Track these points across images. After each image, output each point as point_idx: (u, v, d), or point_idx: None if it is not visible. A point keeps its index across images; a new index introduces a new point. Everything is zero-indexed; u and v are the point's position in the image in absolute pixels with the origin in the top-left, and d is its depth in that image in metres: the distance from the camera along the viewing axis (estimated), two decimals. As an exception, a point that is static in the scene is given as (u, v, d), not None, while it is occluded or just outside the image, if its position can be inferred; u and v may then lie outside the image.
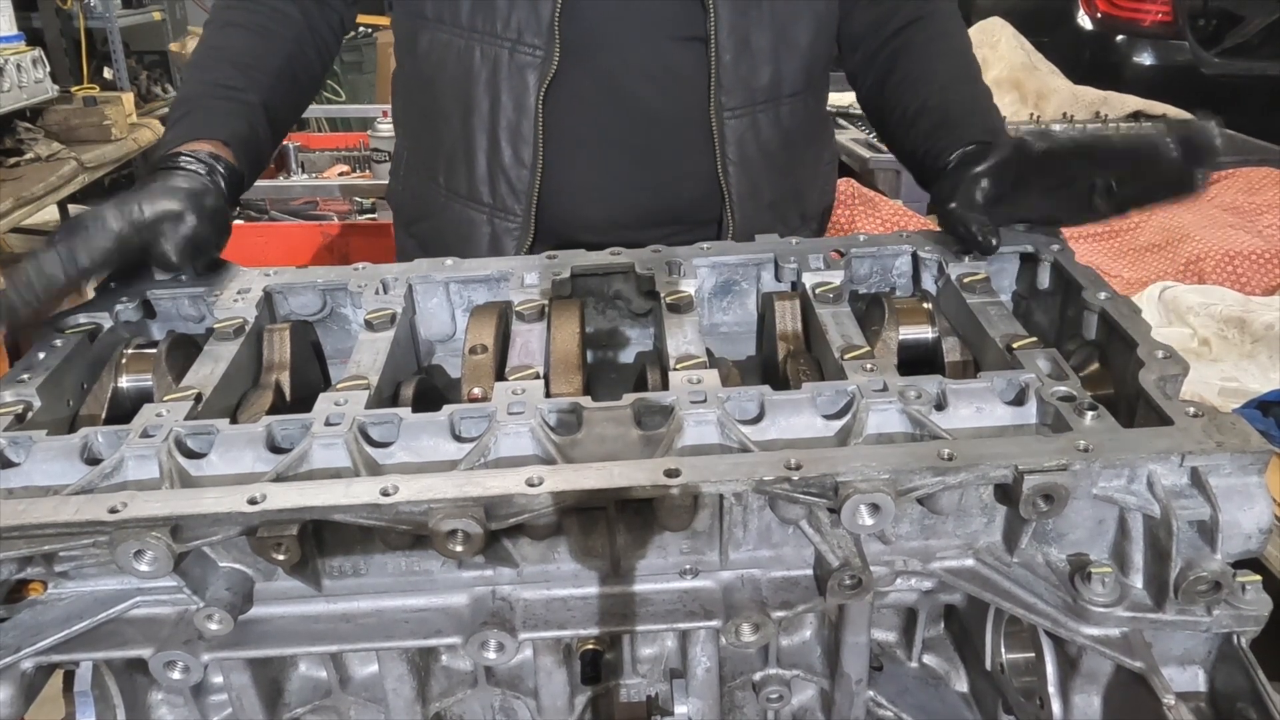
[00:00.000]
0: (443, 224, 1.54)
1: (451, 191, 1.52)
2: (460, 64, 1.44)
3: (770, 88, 1.47)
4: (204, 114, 1.32)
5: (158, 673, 0.88)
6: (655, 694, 1.01)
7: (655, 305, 1.12)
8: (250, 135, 1.34)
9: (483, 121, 1.44)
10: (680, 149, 1.48)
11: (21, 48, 4.92)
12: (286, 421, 0.90)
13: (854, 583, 0.85)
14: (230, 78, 1.38)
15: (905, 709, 1.03)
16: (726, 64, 1.42)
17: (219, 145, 1.26)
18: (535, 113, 1.41)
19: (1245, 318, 2.26)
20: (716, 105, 1.44)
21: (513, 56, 1.40)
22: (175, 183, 1.16)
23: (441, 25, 1.45)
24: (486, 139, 1.45)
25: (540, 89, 1.40)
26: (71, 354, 1.04)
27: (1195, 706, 0.86)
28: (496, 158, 1.45)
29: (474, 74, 1.43)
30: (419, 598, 0.91)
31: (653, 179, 1.49)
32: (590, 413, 0.90)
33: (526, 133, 1.42)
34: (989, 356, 1.01)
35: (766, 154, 1.50)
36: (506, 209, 1.46)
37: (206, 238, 1.14)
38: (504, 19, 1.40)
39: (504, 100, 1.42)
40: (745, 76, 1.44)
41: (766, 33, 1.44)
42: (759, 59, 1.45)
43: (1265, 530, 0.80)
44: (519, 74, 1.41)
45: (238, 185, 1.28)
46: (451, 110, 1.47)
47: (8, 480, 0.88)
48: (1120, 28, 5.24)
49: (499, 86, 1.42)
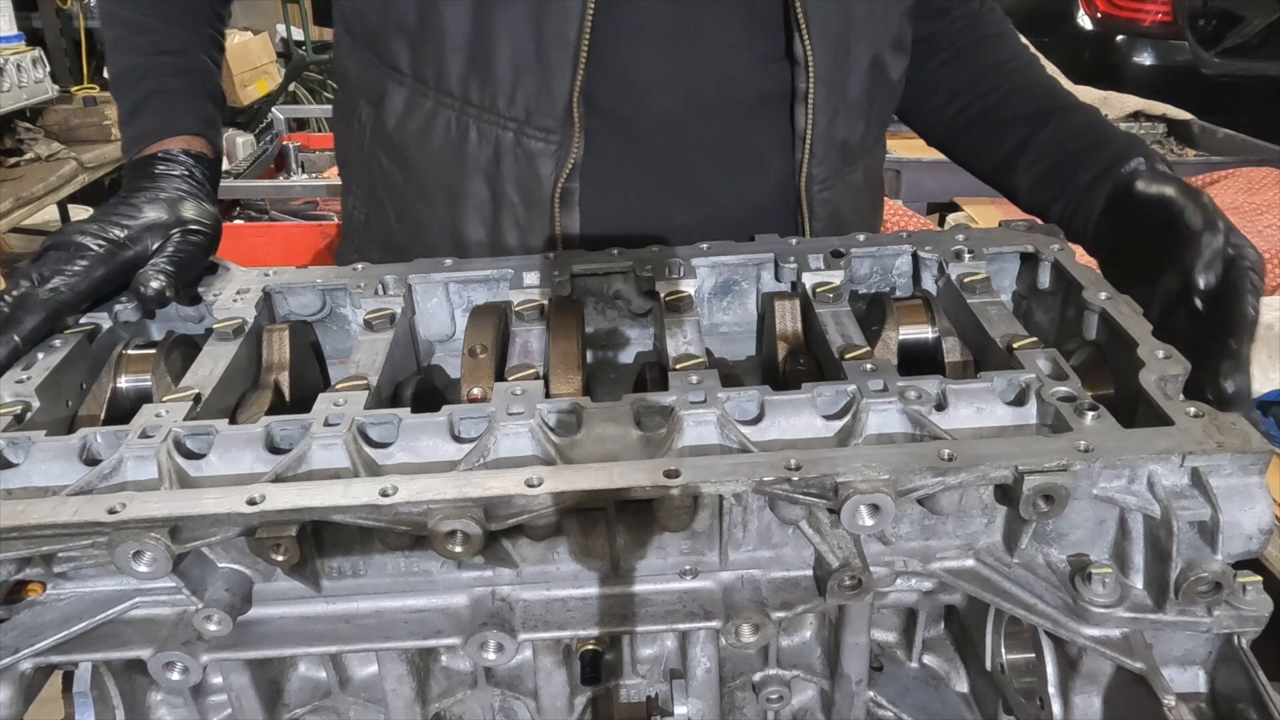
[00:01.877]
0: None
1: None
2: (449, 142, 1.15)
3: (859, 145, 1.24)
4: (165, 102, 1.20)
5: (157, 673, 0.88)
6: (655, 694, 1.01)
7: (655, 305, 1.12)
8: (215, 111, 1.25)
9: (482, 215, 1.16)
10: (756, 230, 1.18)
11: (21, 48, 4.93)
12: (286, 422, 0.90)
13: (854, 583, 0.85)
14: (171, 38, 1.22)
15: (905, 709, 1.03)
16: (822, 129, 1.16)
17: (192, 139, 1.19)
18: (551, 209, 1.14)
19: (1245, 318, 2.25)
20: (807, 179, 1.20)
21: (520, 141, 1.12)
22: (158, 194, 1.13)
23: (422, 87, 1.14)
24: (487, 235, 1.17)
25: (557, 182, 1.13)
26: (70, 354, 1.04)
27: (1196, 707, 0.86)
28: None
29: (469, 158, 1.14)
30: (418, 598, 0.91)
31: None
32: (590, 413, 0.90)
33: (541, 230, 1.14)
34: (989, 356, 1.01)
35: (851, 219, 1.28)
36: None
37: (195, 255, 1.10)
38: (507, 93, 1.10)
39: (508, 192, 1.14)
40: (841, 138, 1.20)
41: (862, 84, 1.20)
42: (854, 113, 1.21)
43: (1266, 531, 0.80)
44: (529, 162, 1.12)
45: (217, 172, 1.24)
46: (435, 196, 1.19)
47: (6, 481, 0.88)
48: (1120, 28, 5.25)
49: (501, 176, 1.14)
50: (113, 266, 1.06)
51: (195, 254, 1.11)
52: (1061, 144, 1.22)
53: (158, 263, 1.07)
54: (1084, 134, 1.24)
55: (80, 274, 1.04)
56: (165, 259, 1.07)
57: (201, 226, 1.13)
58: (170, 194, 1.15)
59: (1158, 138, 4.03)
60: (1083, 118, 1.28)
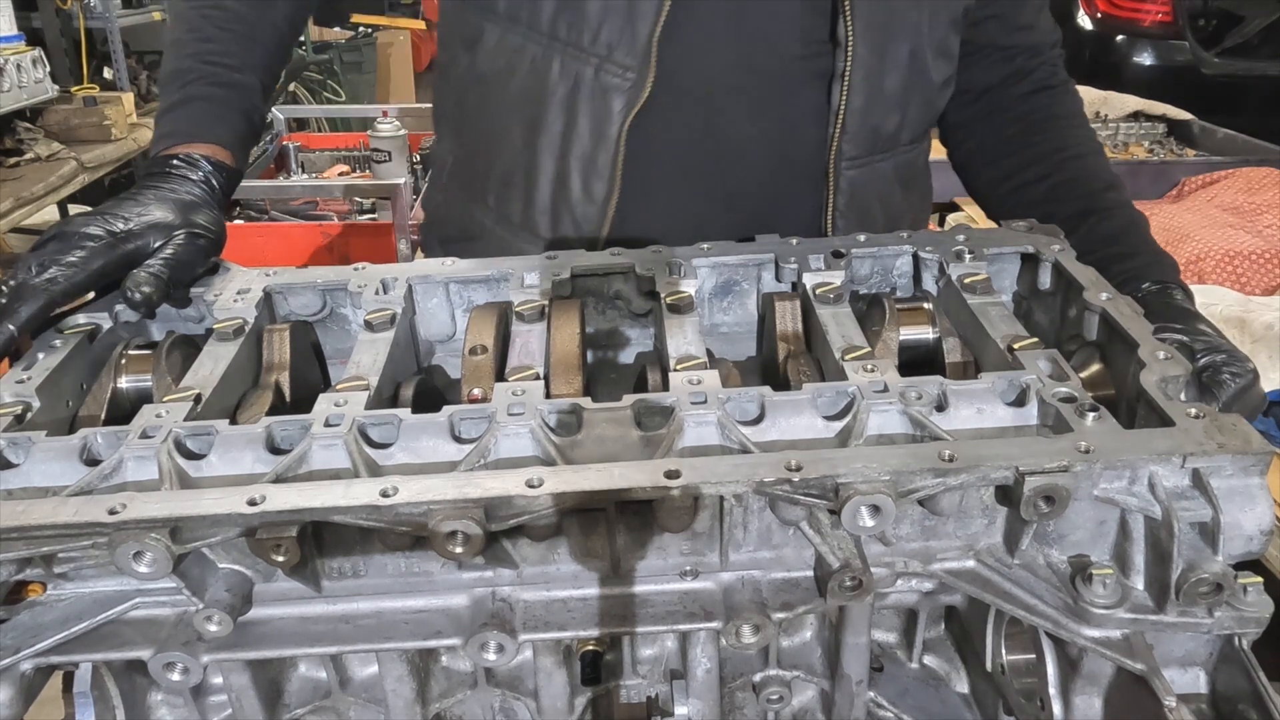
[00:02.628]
0: (485, 251, 1.33)
1: (502, 217, 1.36)
2: (534, 74, 1.26)
3: (893, 136, 1.34)
4: (203, 107, 1.24)
5: (157, 674, 0.88)
6: (655, 695, 1.01)
7: (655, 305, 1.12)
8: (249, 128, 1.28)
9: (552, 145, 1.27)
10: (783, 197, 1.33)
11: (21, 48, 4.93)
12: (286, 422, 0.90)
13: (854, 584, 0.84)
14: (228, 53, 1.27)
15: (906, 710, 1.03)
16: (856, 109, 1.27)
17: (218, 149, 1.22)
18: (616, 144, 1.24)
19: (1245, 318, 2.26)
20: (836, 154, 1.29)
21: (598, 76, 1.22)
22: (168, 194, 1.14)
23: (515, 25, 1.27)
24: (554, 166, 1.27)
25: (626, 117, 1.23)
26: (71, 355, 1.04)
27: (1196, 708, 0.86)
28: (563, 189, 1.29)
29: (549, 89, 1.25)
30: (419, 599, 0.91)
31: (746, 227, 1.26)
32: (590, 414, 0.90)
33: (603, 165, 1.25)
34: (989, 357, 1.01)
35: (879, 205, 1.37)
36: (566, 248, 1.24)
37: (193, 258, 1.10)
38: (593, 30, 1.21)
39: (581, 125, 1.24)
40: (874, 123, 1.30)
41: (900, 76, 1.30)
42: (889, 104, 1.31)
43: (1267, 532, 0.80)
44: (603, 97, 1.23)
45: (235, 184, 1.25)
46: (514, 125, 1.30)
47: (7, 481, 0.88)
48: (1120, 28, 5.25)
49: (577, 108, 1.24)
50: (111, 259, 1.06)
51: (193, 258, 1.11)
52: (1091, 250, 1.27)
53: (152, 264, 1.07)
54: (1114, 241, 1.29)
55: (78, 265, 1.04)
56: (161, 261, 1.07)
57: (205, 232, 1.13)
58: (181, 196, 1.15)
59: (1158, 138, 4.03)
60: (1118, 223, 1.33)
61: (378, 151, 4.51)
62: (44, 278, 1.02)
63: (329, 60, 8.01)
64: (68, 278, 1.03)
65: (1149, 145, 3.99)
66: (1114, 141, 3.98)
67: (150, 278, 1.05)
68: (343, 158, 5.01)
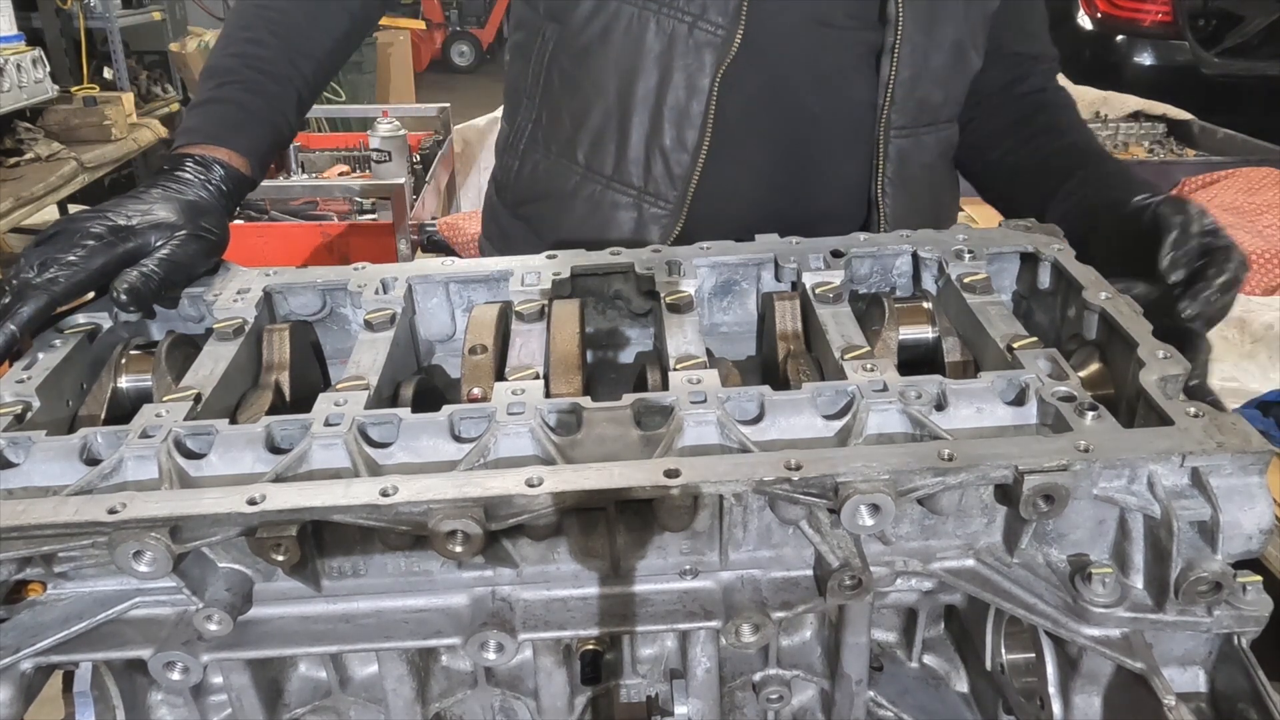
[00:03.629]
0: (574, 205, 1.46)
1: (593, 170, 1.44)
2: (630, 35, 1.37)
3: (937, 110, 1.46)
4: (231, 112, 1.27)
5: (157, 673, 0.88)
6: (655, 694, 1.01)
7: (655, 305, 1.12)
8: (274, 140, 1.30)
9: (647, 98, 1.37)
10: (839, 159, 1.45)
11: (21, 48, 4.93)
12: (286, 422, 0.90)
13: (854, 583, 0.85)
14: (272, 60, 1.31)
15: (905, 709, 1.03)
16: (904, 81, 1.39)
17: (235, 155, 1.22)
18: (709, 94, 1.35)
19: (1245, 318, 2.26)
20: (886, 122, 1.41)
21: (692, 32, 1.34)
22: (175, 194, 1.14)
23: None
24: (649, 117, 1.38)
25: (718, 70, 1.34)
26: (71, 354, 1.04)
27: (1196, 707, 0.86)
28: (657, 138, 1.39)
29: (646, 47, 1.36)
30: (419, 598, 0.91)
31: (805, 184, 1.45)
32: (590, 413, 0.90)
33: (696, 114, 1.36)
34: (989, 356, 1.01)
35: (923, 175, 1.49)
36: (659, 194, 1.40)
37: (191, 260, 1.10)
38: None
39: (676, 78, 1.35)
40: (920, 97, 1.42)
41: (945, 56, 1.42)
42: (935, 81, 1.43)
43: (1266, 531, 0.80)
44: (696, 52, 1.34)
45: (246, 192, 1.26)
46: (608, 83, 1.40)
47: (7, 481, 0.88)
48: (1120, 28, 5.25)
49: (672, 63, 1.35)
50: (111, 258, 1.06)
51: (192, 259, 1.11)
52: (1088, 188, 1.36)
53: (146, 264, 1.07)
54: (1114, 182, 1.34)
55: (78, 264, 1.04)
56: (156, 261, 1.07)
57: (207, 234, 1.13)
58: (188, 197, 1.15)
59: (1158, 138, 4.03)
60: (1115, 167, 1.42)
61: (378, 151, 4.51)
62: (45, 277, 1.02)
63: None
64: (68, 277, 1.03)
65: (1149, 145, 3.99)
66: (1114, 141, 3.98)
67: (140, 276, 1.05)
68: (343, 158, 5.01)
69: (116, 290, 1.04)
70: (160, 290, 1.07)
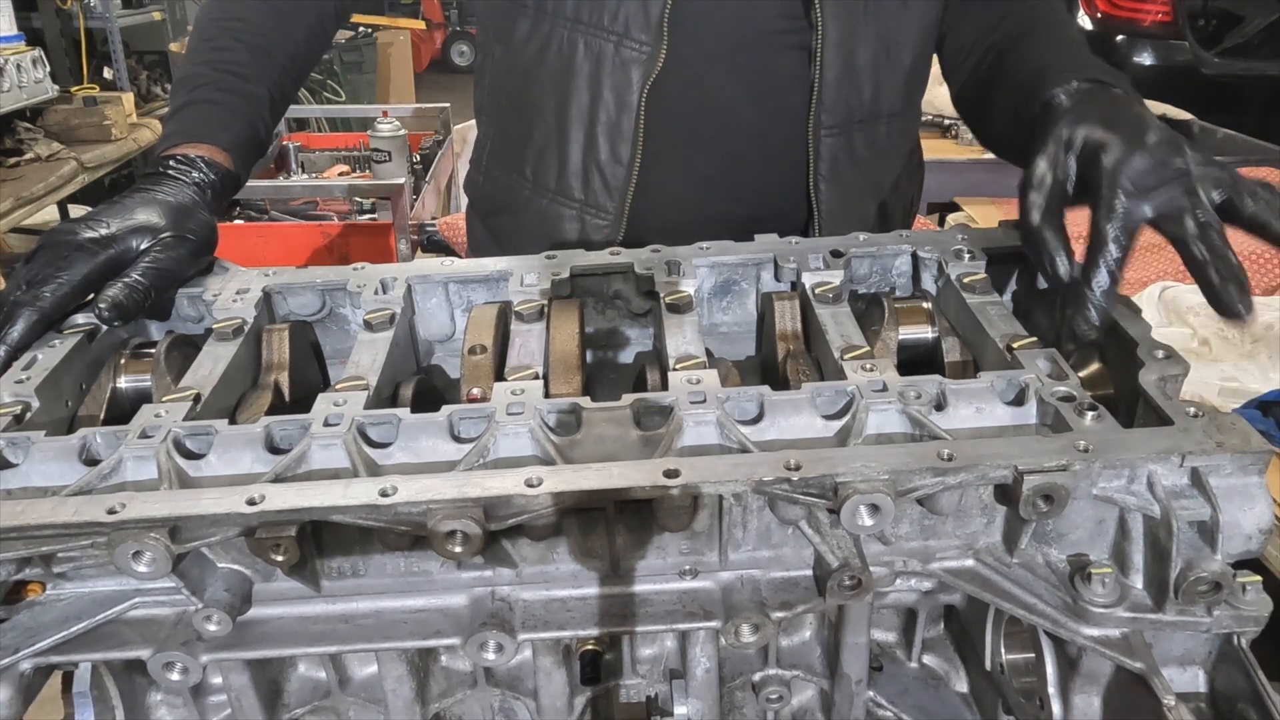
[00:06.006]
0: (526, 218, 1.52)
1: (539, 185, 1.50)
2: (561, 56, 1.42)
3: (869, 107, 1.46)
4: (207, 111, 1.28)
5: (156, 674, 0.88)
6: (655, 694, 1.01)
7: (655, 305, 1.12)
8: (252, 136, 1.31)
9: (581, 116, 1.42)
10: (771, 161, 1.47)
11: (21, 48, 4.93)
12: (285, 422, 0.90)
13: (854, 583, 0.85)
14: (240, 63, 1.33)
15: (905, 709, 1.03)
16: (829, 82, 1.40)
17: (216, 151, 1.23)
18: (637, 110, 1.39)
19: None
20: (815, 122, 1.42)
21: (618, 51, 1.38)
22: (155, 196, 1.14)
23: (544, 15, 1.43)
24: (583, 134, 1.43)
25: (644, 86, 1.38)
26: (70, 354, 1.04)
27: (1195, 707, 0.86)
28: (592, 153, 1.43)
29: (577, 66, 1.41)
30: (418, 598, 0.91)
31: (741, 188, 1.48)
32: (590, 413, 0.90)
33: (626, 130, 1.41)
34: (989, 356, 1.01)
35: (859, 173, 1.49)
36: (598, 205, 1.45)
37: (176, 264, 1.10)
38: (612, 13, 1.38)
39: (605, 95, 1.40)
40: (847, 95, 1.43)
41: (871, 51, 1.42)
42: (862, 78, 1.43)
43: (1266, 531, 0.80)
44: (623, 69, 1.39)
45: (232, 189, 1.26)
46: (546, 102, 1.45)
47: (6, 481, 0.88)
48: (1120, 28, 5.25)
49: (601, 81, 1.40)
50: (95, 267, 1.06)
51: (178, 261, 1.11)
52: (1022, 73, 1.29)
53: (129, 274, 1.06)
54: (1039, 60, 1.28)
55: (64, 280, 1.04)
56: (140, 271, 1.07)
57: (191, 234, 1.13)
58: (168, 198, 1.14)
59: (1158, 138, 4.02)
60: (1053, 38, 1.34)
61: (378, 151, 4.52)
62: (31, 295, 1.03)
63: (329, 60, 8.00)
64: (54, 292, 1.04)
65: (1149, 145, 3.98)
66: (1114, 141, 3.96)
67: (124, 289, 1.05)
68: (343, 158, 5.01)
69: (99, 306, 1.04)
70: (147, 300, 1.07)
